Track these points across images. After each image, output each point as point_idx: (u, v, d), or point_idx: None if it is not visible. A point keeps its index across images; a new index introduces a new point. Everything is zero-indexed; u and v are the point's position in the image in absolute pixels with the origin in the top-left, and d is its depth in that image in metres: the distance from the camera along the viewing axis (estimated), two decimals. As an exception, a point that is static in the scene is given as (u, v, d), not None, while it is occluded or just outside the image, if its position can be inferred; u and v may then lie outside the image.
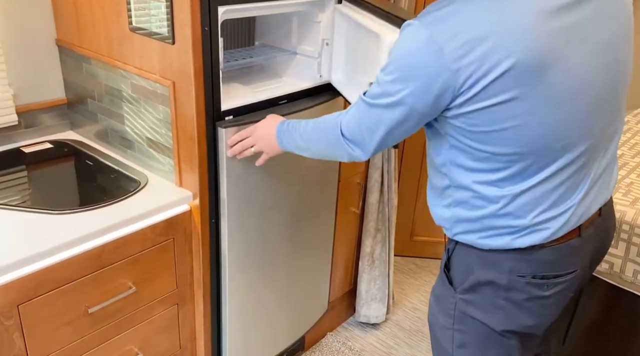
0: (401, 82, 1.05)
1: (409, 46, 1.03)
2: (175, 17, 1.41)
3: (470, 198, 1.17)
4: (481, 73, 0.98)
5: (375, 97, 1.12)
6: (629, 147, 2.58)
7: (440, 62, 0.99)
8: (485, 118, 1.03)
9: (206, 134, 1.54)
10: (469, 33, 0.97)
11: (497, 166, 1.10)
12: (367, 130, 1.17)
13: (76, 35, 1.77)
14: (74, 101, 1.90)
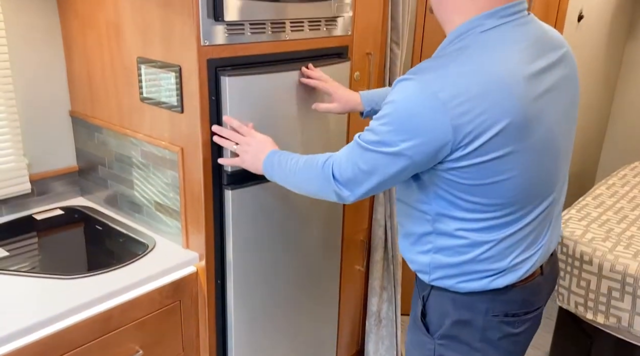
0: (401, 134, 1.08)
1: (410, 101, 1.06)
2: (184, 88, 1.50)
3: (453, 244, 1.21)
4: (479, 131, 1.04)
5: (373, 143, 1.13)
6: (628, 200, 2.62)
7: (443, 118, 1.04)
8: (479, 172, 1.09)
9: (213, 197, 1.59)
10: (468, 93, 1.04)
11: (484, 216, 1.15)
12: (362, 174, 1.17)
13: (89, 107, 1.87)
14: (85, 168, 1.98)
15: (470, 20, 1.11)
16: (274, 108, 1.63)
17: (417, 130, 1.06)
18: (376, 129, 1.12)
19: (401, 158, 1.10)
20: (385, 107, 1.12)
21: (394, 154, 1.10)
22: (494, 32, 1.10)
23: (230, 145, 1.48)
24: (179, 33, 1.46)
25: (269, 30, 1.58)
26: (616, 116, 3.88)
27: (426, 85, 1.05)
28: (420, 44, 2.52)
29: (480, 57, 1.08)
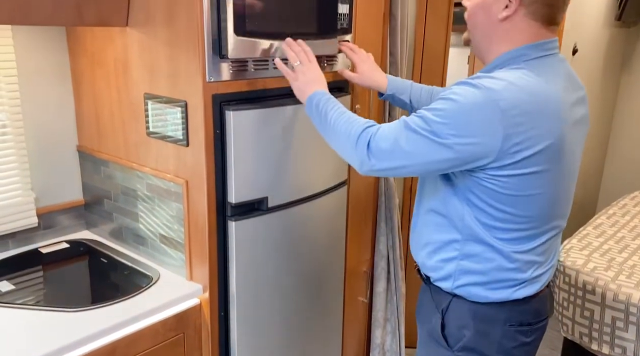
0: (454, 130, 1.15)
1: (471, 102, 1.14)
2: (189, 122, 1.54)
3: (482, 251, 1.27)
4: (527, 145, 1.15)
5: (423, 129, 1.18)
6: (629, 229, 2.63)
7: (498, 125, 1.13)
8: (518, 183, 1.19)
9: (217, 228, 1.61)
10: (525, 108, 1.14)
11: (512, 226, 1.24)
12: (399, 151, 1.20)
13: (96, 141, 1.91)
14: (91, 202, 2.01)
15: (516, 49, 1.23)
16: (278, 140, 1.67)
17: (471, 130, 1.14)
18: (429, 119, 1.18)
19: (446, 150, 1.16)
20: (441, 101, 1.19)
21: (441, 144, 1.16)
22: (537, 62, 1.22)
23: (294, 59, 1.50)
24: (184, 70, 1.51)
25: (272, 66, 1.64)
26: (614, 147, 3.92)
27: (489, 93, 1.14)
28: (418, 79, 2.58)
29: (536, 79, 1.19)
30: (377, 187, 2.26)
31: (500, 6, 1.23)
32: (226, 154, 1.56)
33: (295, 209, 1.78)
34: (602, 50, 3.34)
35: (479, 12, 1.27)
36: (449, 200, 1.28)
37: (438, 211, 1.32)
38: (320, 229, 1.93)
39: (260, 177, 1.65)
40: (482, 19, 1.27)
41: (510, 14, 1.22)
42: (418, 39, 2.55)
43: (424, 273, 1.43)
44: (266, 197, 1.67)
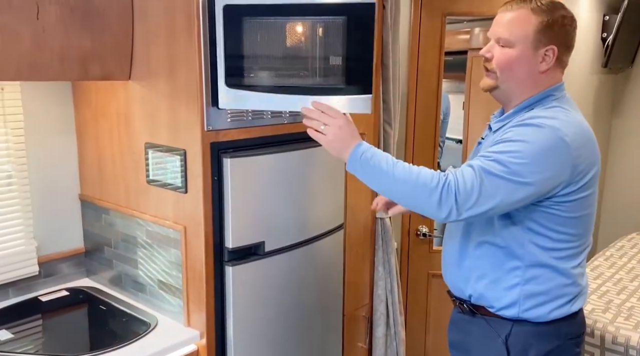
0: (533, 167, 1.28)
1: (544, 141, 1.29)
2: (188, 170, 1.60)
3: (543, 273, 1.38)
4: (586, 171, 1.33)
5: (504, 172, 1.28)
6: (626, 271, 2.64)
7: (567, 157, 1.30)
8: (576, 206, 1.35)
9: (214, 273, 1.64)
10: (580, 140, 1.33)
11: (567, 245, 1.38)
12: (485, 196, 1.27)
13: (98, 190, 1.96)
14: (91, 249, 2.04)
15: (544, 92, 1.40)
16: (274, 186, 1.72)
17: (547, 166, 1.28)
18: (507, 162, 1.28)
19: (528, 188, 1.28)
20: (509, 144, 1.31)
21: (523, 183, 1.28)
22: (561, 100, 1.40)
23: (319, 125, 1.42)
24: (184, 120, 1.58)
25: (268, 115, 1.71)
26: (610, 189, 3.97)
27: (554, 130, 1.30)
28: (412, 124, 2.66)
29: (574, 114, 1.38)
30: (374, 230, 2.29)
31: (538, 59, 1.37)
32: (223, 200, 1.61)
33: (292, 253, 1.81)
34: (591, 94, 3.44)
35: (516, 67, 1.38)
36: (507, 230, 1.39)
37: (493, 242, 1.41)
38: (317, 273, 1.95)
39: (257, 222, 1.69)
40: (521, 72, 1.38)
41: (549, 67, 1.38)
42: (411, 86, 2.64)
43: (480, 304, 1.47)
44: (263, 242, 1.71)
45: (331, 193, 1.96)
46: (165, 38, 1.59)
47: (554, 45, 1.35)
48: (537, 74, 1.38)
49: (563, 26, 1.36)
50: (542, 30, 1.34)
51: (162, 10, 1.58)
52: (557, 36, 1.35)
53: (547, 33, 1.35)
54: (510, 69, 1.38)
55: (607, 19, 3.27)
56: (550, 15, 1.35)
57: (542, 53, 1.36)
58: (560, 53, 1.37)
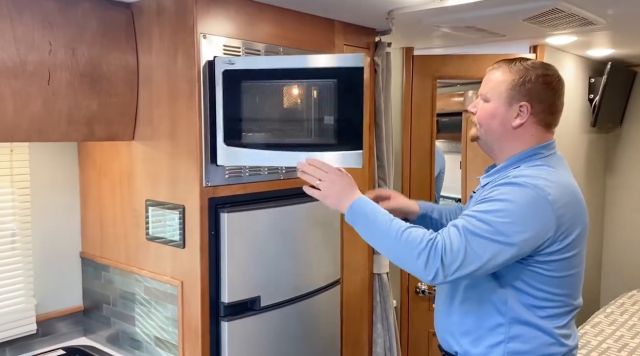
0: (518, 227, 1.28)
1: (527, 200, 1.29)
2: (186, 225, 1.65)
3: (527, 331, 1.36)
4: (570, 230, 1.32)
5: (488, 232, 1.28)
6: (627, 328, 2.61)
7: (551, 216, 1.30)
8: (561, 265, 1.34)
9: (209, 329, 1.65)
10: (564, 199, 1.33)
11: (551, 304, 1.36)
12: (472, 257, 1.27)
13: (99, 247, 2.00)
14: (90, 307, 2.05)
15: (530, 150, 1.42)
16: (270, 240, 1.76)
17: (532, 225, 1.29)
18: (492, 221, 1.29)
19: (513, 247, 1.28)
20: (492, 203, 1.31)
21: (508, 244, 1.28)
22: (549, 159, 1.41)
23: (314, 180, 1.47)
24: (184, 177, 1.65)
25: (265, 172, 1.78)
26: (609, 245, 3.97)
27: (537, 189, 1.30)
28: (408, 181, 2.73)
29: (560, 173, 1.38)
30: (371, 287, 2.30)
31: (512, 114, 1.41)
32: (220, 254, 1.65)
33: (289, 308, 1.82)
34: (582, 152, 3.52)
35: (491, 121, 1.43)
36: (491, 287, 1.38)
37: (478, 299, 1.40)
38: (314, 330, 1.95)
39: (253, 276, 1.72)
40: (496, 126, 1.43)
41: (522, 122, 1.40)
42: (405, 145, 2.73)
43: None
44: (259, 296, 1.72)
45: (327, 248, 1.99)
46: (168, 101, 1.69)
47: (526, 102, 1.39)
48: (510, 128, 1.41)
49: (537, 84, 1.39)
50: (514, 87, 1.40)
51: (165, 76, 1.69)
52: (529, 93, 1.39)
53: (520, 90, 1.40)
54: (487, 123, 1.44)
55: (593, 81, 3.41)
56: (525, 73, 1.40)
57: (516, 108, 1.40)
58: (536, 110, 1.39)
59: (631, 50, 3.02)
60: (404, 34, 2.32)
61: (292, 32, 1.86)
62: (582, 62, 3.34)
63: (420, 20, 2.00)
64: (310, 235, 1.91)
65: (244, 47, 1.69)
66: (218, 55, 1.62)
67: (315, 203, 1.90)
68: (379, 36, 2.25)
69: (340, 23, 2.05)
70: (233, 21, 1.68)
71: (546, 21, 1.96)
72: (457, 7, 1.78)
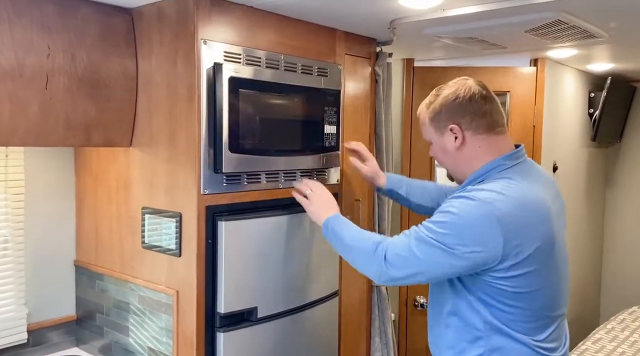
0: (458, 240, 1.29)
1: (470, 214, 1.29)
2: (183, 233, 1.62)
3: (506, 343, 1.34)
4: (523, 247, 1.29)
5: (432, 238, 1.31)
6: (628, 344, 2.58)
7: (496, 232, 1.28)
8: (521, 282, 1.32)
9: (205, 340, 1.61)
10: (516, 215, 1.30)
11: (524, 318, 1.34)
12: (413, 258, 1.33)
13: (93, 255, 1.97)
14: (83, 317, 2.01)
15: (493, 161, 1.41)
16: (268, 250, 1.73)
17: (474, 239, 1.28)
18: (435, 231, 1.32)
19: (455, 258, 1.29)
20: (442, 214, 1.33)
21: (450, 253, 1.29)
22: (513, 170, 1.39)
23: (306, 188, 1.70)
24: (182, 184, 1.62)
25: (264, 180, 1.75)
26: (609, 261, 3.94)
27: (484, 204, 1.29)
28: (407, 194, 2.70)
29: (520, 186, 1.35)
30: (370, 299, 2.27)
31: (450, 140, 1.44)
32: (217, 263, 1.62)
33: (286, 320, 1.79)
34: (582, 167, 3.51)
35: (442, 155, 1.50)
36: (465, 301, 1.38)
37: (456, 313, 1.40)
38: (311, 342, 1.91)
39: (250, 287, 1.69)
40: (446, 157, 1.49)
41: (461, 142, 1.43)
42: (404, 156, 2.72)
43: None
44: (255, 307, 1.69)
45: (326, 259, 1.96)
46: (167, 107, 1.67)
47: (452, 123, 1.42)
48: (457, 151, 1.44)
49: (447, 105, 1.43)
50: (433, 120, 1.47)
51: (165, 81, 1.67)
52: (448, 116, 1.43)
53: (439, 118, 1.45)
54: (440, 158, 1.52)
55: (593, 96, 3.41)
56: (435, 102, 1.47)
57: (449, 134, 1.44)
58: (464, 124, 1.42)
59: (631, 64, 3.03)
60: (405, 44, 2.32)
61: (294, 40, 1.85)
62: (582, 77, 3.34)
63: (422, 30, 1.99)
64: (309, 245, 1.88)
65: (244, 54, 1.68)
66: (219, 61, 1.60)
67: (314, 213, 1.89)
68: (380, 46, 2.24)
69: (342, 32, 2.04)
70: (234, 27, 1.67)
71: (548, 33, 1.96)
72: (459, 17, 1.77)
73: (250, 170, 1.70)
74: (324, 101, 1.93)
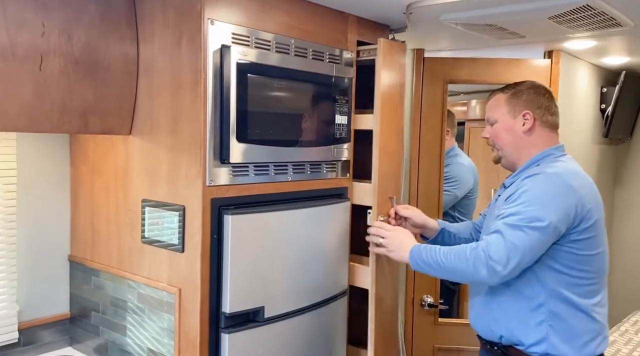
0: (545, 209, 1.44)
1: (547, 186, 1.49)
2: (186, 227, 1.51)
3: (566, 308, 1.49)
4: (591, 213, 1.49)
5: (523, 220, 1.44)
6: None
7: (572, 197, 1.47)
8: (588, 244, 1.50)
9: (209, 342, 1.51)
10: (582, 187, 1.51)
11: (586, 282, 1.51)
12: (514, 249, 1.43)
13: (89, 250, 1.86)
14: (77, 315, 1.90)
15: (543, 151, 1.61)
16: (276, 246, 1.63)
17: (559, 205, 1.45)
18: (522, 211, 1.46)
19: (548, 230, 1.43)
20: (518, 198, 1.49)
21: (542, 228, 1.43)
22: (563, 158, 1.60)
23: (378, 239, 1.71)
24: (185, 174, 1.52)
25: (272, 172, 1.65)
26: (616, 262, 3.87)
27: (555, 176, 1.51)
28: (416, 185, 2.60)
29: (576, 167, 1.59)
30: (378, 300, 2.17)
31: (519, 123, 1.63)
32: (222, 260, 1.51)
33: (294, 320, 1.69)
34: (593, 164, 3.42)
35: (504, 134, 1.65)
36: (530, 270, 1.49)
37: (518, 283, 1.51)
38: (320, 343, 1.82)
39: (257, 285, 1.59)
40: (510, 138, 1.64)
41: (530, 126, 1.62)
42: (413, 150, 2.62)
43: (510, 344, 1.56)
44: (262, 307, 1.59)
45: (336, 256, 1.86)
46: (171, 92, 1.56)
47: (527, 110, 1.62)
48: (522, 135, 1.63)
49: (530, 94, 1.64)
50: (511, 102, 1.64)
51: (168, 65, 1.57)
52: (526, 103, 1.63)
53: (517, 102, 1.63)
54: (500, 138, 1.66)
55: (605, 91, 3.32)
56: (515, 88, 1.66)
57: (521, 118, 1.62)
58: (537, 114, 1.62)
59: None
60: (417, 33, 2.21)
61: (304, 24, 1.74)
62: (595, 71, 3.25)
63: (439, 16, 1.89)
64: (319, 241, 1.79)
65: (253, 37, 1.57)
66: (226, 44, 1.50)
67: (324, 207, 1.81)
68: (392, 34, 2.13)
69: (355, 17, 1.94)
70: (243, 7, 1.56)
71: (572, 20, 1.86)
72: (483, 2, 1.67)
73: (259, 161, 1.60)
74: (336, 90, 1.83)
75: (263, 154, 1.60)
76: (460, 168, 2.86)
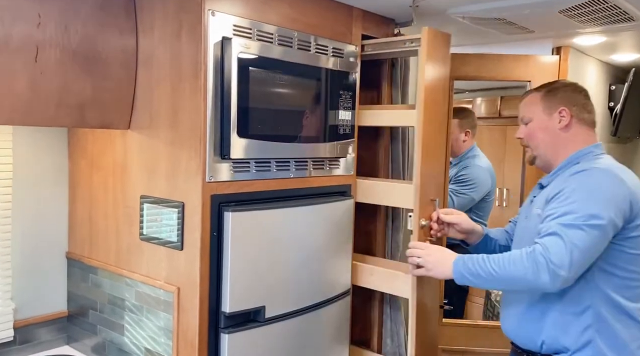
0: (602, 205, 1.38)
1: (598, 181, 1.43)
2: (185, 224, 1.47)
3: (613, 313, 1.42)
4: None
5: (580, 219, 1.37)
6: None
7: (625, 192, 1.42)
8: (638, 242, 1.43)
9: (208, 342, 1.47)
10: (633, 180, 1.46)
11: (633, 284, 1.45)
12: (576, 249, 1.35)
13: (87, 247, 1.82)
14: (74, 313, 1.87)
15: (583, 149, 1.55)
16: (278, 244, 1.59)
17: (612, 202, 1.39)
18: (576, 209, 1.38)
19: (604, 227, 1.37)
20: (570, 197, 1.41)
21: (602, 225, 1.37)
22: (603, 156, 1.55)
23: (415, 261, 1.62)
24: (184, 170, 1.48)
25: (274, 168, 1.61)
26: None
27: (605, 171, 1.46)
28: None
29: (619, 164, 1.52)
30: (382, 297, 2.13)
31: (555, 121, 1.57)
32: (222, 258, 1.47)
33: (295, 321, 1.65)
34: (601, 164, 3.38)
35: (540, 133, 1.59)
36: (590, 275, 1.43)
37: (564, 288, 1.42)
38: (322, 344, 1.78)
39: (258, 284, 1.54)
40: (546, 136, 1.58)
41: (567, 123, 1.56)
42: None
43: (554, 349, 1.48)
44: (263, 307, 1.55)
45: (339, 255, 1.82)
46: (170, 86, 1.52)
47: (563, 107, 1.56)
48: (559, 132, 1.57)
49: (566, 91, 1.60)
50: (546, 99, 1.59)
51: (168, 57, 1.53)
52: (562, 100, 1.58)
53: (553, 99, 1.58)
54: (536, 137, 1.61)
55: (614, 88, 3.27)
56: (550, 86, 1.63)
57: (557, 115, 1.57)
58: (574, 111, 1.57)
59: (657, 55, 2.89)
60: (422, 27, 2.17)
61: (308, 17, 1.69)
62: (604, 68, 3.20)
63: (447, 10, 1.84)
64: (321, 240, 1.74)
65: (255, 29, 1.52)
66: (228, 36, 1.45)
67: (326, 205, 1.76)
68: (397, 28, 2.09)
69: (359, 11, 1.89)
70: (245, -2, 1.51)
71: (583, 14, 1.81)
72: (493, -6, 1.63)
73: (260, 157, 1.56)
74: (340, 84, 1.78)
75: (264, 150, 1.56)
76: (477, 170, 2.78)
